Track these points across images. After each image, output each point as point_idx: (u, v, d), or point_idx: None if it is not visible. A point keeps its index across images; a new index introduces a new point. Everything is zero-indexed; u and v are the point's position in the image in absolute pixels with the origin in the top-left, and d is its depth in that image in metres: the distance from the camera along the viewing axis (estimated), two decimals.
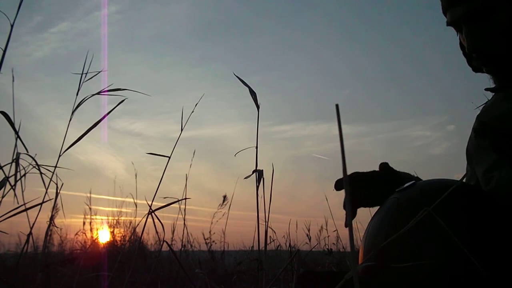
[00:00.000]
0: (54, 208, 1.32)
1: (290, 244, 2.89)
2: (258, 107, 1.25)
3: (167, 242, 1.42)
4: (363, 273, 0.76)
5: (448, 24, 1.06)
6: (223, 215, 3.27)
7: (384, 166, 1.07)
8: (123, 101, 1.22)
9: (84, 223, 3.83)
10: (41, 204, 1.17)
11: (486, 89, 1.07)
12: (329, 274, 1.00)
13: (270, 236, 3.02)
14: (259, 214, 1.26)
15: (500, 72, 1.01)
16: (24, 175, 1.15)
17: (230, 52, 8.81)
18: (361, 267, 0.74)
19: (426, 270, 0.75)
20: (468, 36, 1.01)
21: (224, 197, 3.30)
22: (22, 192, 1.13)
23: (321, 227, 3.70)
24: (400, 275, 0.76)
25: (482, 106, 1.12)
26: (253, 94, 1.25)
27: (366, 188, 1.04)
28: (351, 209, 1.05)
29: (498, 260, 0.74)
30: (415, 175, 1.10)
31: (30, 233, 1.20)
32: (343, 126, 0.36)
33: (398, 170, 1.08)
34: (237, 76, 1.22)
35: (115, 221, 3.85)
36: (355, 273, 0.34)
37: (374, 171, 1.08)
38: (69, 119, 1.26)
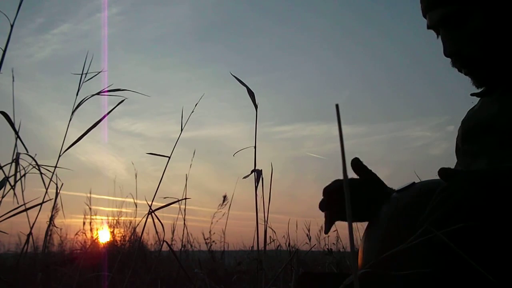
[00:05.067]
0: (54, 208, 1.32)
1: (289, 244, 2.89)
2: (256, 106, 1.25)
3: (167, 242, 1.42)
4: (362, 277, 0.75)
5: (428, 27, 1.07)
6: (223, 215, 3.27)
7: (356, 164, 1.00)
8: (122, 101, 1.22)
9: (84, 223, 3.83)
10: (41, 204, 1.17)
11: (472, 95, 1.08)
12: (328, 276, 1.00)
13: (270, 236, 3.02)
14: (259, 214, 1.26)
15: (477, 74, 1.02)
16: (24, 175, 1.15)
17: (230, 52, 8.82)
18: (360, 273, 0.74)
19: (426, 277, 0.75)
20: (445, 40, 1.03)
21: (224, 197, 3.30)
22: (22, 192, 1.13)
23: (321, 227, 3.69)
24: (399, 282, 0.76)
25: (472, 104, 1.13)
26: (251, 94, 1.25)
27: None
28: (351, 214, 1.04)
29: (503, 267, 0.73)
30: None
31: (30, 233, 1.20)
32: (343, 127, 0.36)
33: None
34: (234, 76, 1.22)
35: (115, 221, 3.86)
36: (355, 279, 0.34)
37: (352, 179, 1.02)
38: (69, 119, 1.26)
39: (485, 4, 0.98)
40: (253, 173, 1.23)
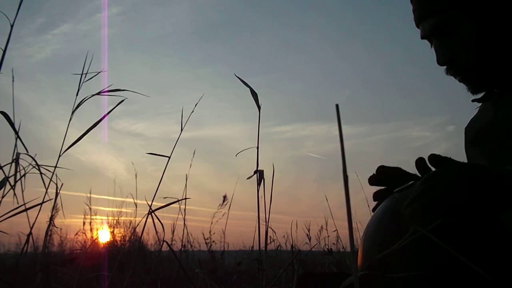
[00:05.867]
0: (54, 208, 1.32)
1: (292, 244, 2.89)
2: (259, 107, 1.25)
3: (167, 242, 1.42)
4: (362, 278, 0.76)
5: (422, 37, 1.09)
6: (223, 215, 3.27)
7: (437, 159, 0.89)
8: (122, 101, 1.22)
9: (84, 223, 3.83)
10: (41, 204, 1.17)
11: (473, 101, 1.09)
12: (328, 276, 1.00)
13: (270, 236, 3.02)
14: (260, 214, 1.26)
15: (471, 81, 1.04)
16: (24, 175, 1.15)
17: (231, 53, 8.83)
18: (360, 274, 0.74)
19: (423, 280, 0.75)
20: (437, 49, 1.04)
21: (224, 197, 3.31)
22: (22, 192, 1.13)
23: (321, 227, 3.71)
24: (398, 281, 0.76)
25: (477, 110, 1.14)
26: (254, 94, 1.25)
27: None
28: (350, 214, 1.03)
29: (499, 266, 0.73)
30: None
31: (30, 233, 1.20)
32: (343, 127, 0.36)
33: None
34: (238, 77, 1.22)
35: (115, 221, 3.86)
36: (356, 280, 0.34)
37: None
38: (69, 119, 1.26)
39: (475, 12, 0.99)
40: (255, 174, 1.23)
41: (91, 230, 3.84)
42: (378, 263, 0.77)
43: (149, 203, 1.29)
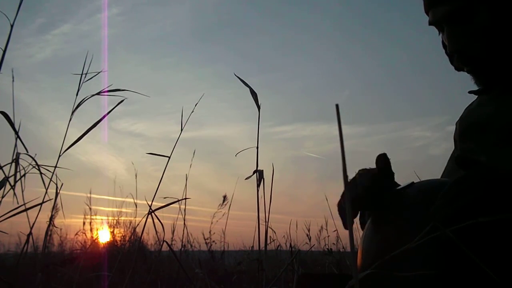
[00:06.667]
0: (54, 208, 1.32)
1: (291, 244, 2.89)
2: (259, 107, 1.25)
3: (167, 242, 1.42)
4: (364, 278, 0.75)
5: (430, 23, 1.06)
6: (223, 215, 3.27)
7: (383, 160, 0.93)
8: (122, 101, 1.22)
9: (84, 223, 3.83)
10: (41, 204, 1.17)
11: (470, 92, 1.07)
12: (327, 276, 1.00)
13: (270, 236, 3.02)
14: (259, 214, 1.26)
15: (480, 72, 1.01)
16: (24, 175, 1.15)
17: (231, 53, 8.83)
18: (362, 275, 0.74)
19: (430, 277, 0.75)
20: (450, 37, 1.01)
21: (224, 197, 3.30)
22: (22, 192, 1.13)
23: (321, 227, 3.71)
24: (402, 283, 0.75)
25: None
26: (254, 94, 1.25)
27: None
28: (351, 211, 1.02)
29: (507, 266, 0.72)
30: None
31: (30, 233, 1.20)
32: (343, 127, 0.36)
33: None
34: (237, 77, 1.22)
35: (115, 221, 3.86)
36: (356, 281, 0.34)
37: (374, 170, 0.97)
38: (69, 119, 1.26)
39: (491, 2, 0.97)
40: (255, 174, 1.23)
41: (91, 230, 3.85)
42: (383, 263, 0.76)
43: (149, 203, 1.29)
